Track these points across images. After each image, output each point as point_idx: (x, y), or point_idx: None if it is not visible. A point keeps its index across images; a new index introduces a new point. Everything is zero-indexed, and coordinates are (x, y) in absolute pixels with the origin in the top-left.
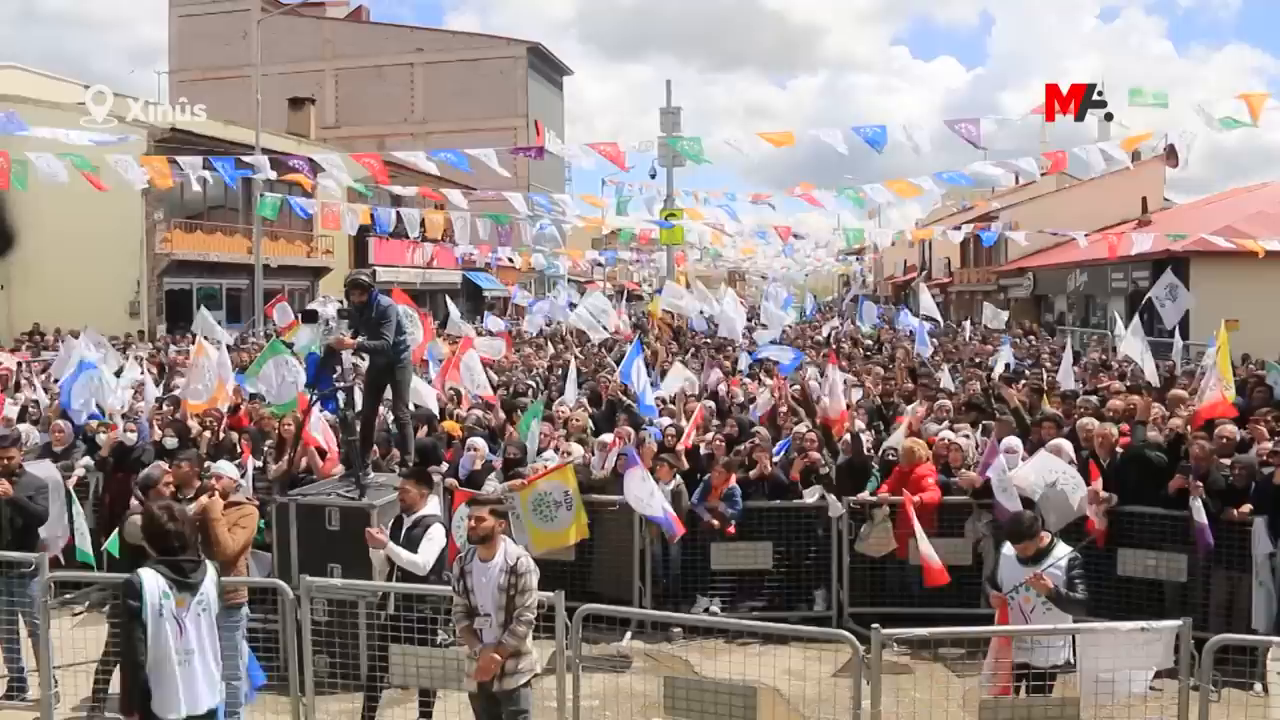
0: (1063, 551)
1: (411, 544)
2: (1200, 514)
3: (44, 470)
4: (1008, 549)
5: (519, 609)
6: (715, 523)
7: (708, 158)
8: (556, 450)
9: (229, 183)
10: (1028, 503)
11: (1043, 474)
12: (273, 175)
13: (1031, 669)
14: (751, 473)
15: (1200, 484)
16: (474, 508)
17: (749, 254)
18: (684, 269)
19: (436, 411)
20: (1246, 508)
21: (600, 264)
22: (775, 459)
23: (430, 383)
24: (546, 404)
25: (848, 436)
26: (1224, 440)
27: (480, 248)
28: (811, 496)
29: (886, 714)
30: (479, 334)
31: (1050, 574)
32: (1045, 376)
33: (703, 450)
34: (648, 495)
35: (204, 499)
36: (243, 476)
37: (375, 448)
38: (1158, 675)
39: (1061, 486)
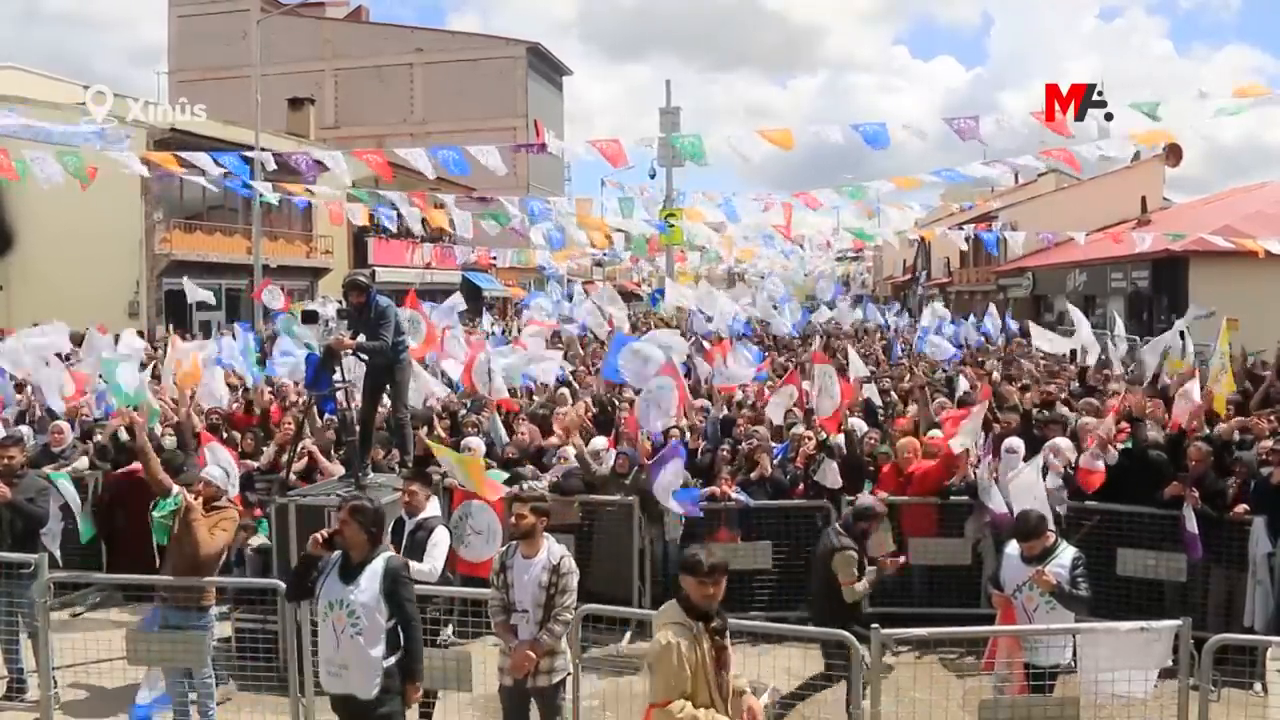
0: (1067, 551)
1: (415, 547)
2: (1191, 523)
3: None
4: (1011, 548)
5: (558, 608)
6: (729, 490)
7: (707, 158)
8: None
9: (234, 188)
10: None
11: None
12: (275, 170)
13: (1032, 668)
14: (753, 474)
15: (1195, 492)
16: (516, 505)
17: (749, 256)
18: (684, 269)
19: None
20: (1242, 508)
21: (600, 264)
22: (775, 460)
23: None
24: (545, 405)
25: (842, 437)
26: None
27: (480, 258)
28: (824, 479)
29: (886, 714)
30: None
31: (1053, 572)
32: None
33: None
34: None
35: (187, 497)
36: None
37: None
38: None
39: (1038, 497)
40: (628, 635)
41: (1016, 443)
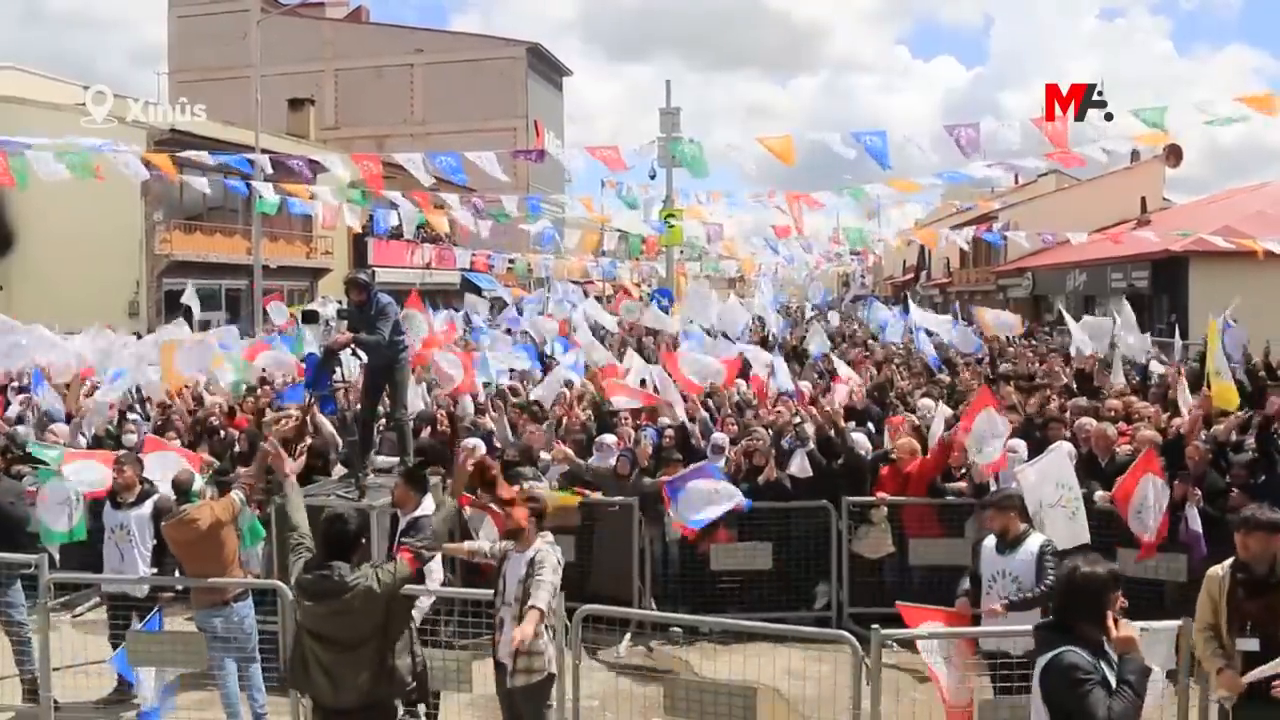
0: (1036, 539)
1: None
2: (1196, 522)
3: None
4: (988, 541)
5: (529, 596)
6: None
7: (708, 166)
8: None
9: (230, 188)
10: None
11: (1047, 483)
12: (272, 174)
13: (1002, 658)
14: (760, 478)
15: (1199, 491)
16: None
17: (750, 270)
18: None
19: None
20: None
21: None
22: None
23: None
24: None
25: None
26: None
27: (478, 264)
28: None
29: (886, 714)
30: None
31: (1020, 562)
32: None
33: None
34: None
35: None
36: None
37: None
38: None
39: (1064, 507)
40: (628, 636)
41: (1018, 443)
